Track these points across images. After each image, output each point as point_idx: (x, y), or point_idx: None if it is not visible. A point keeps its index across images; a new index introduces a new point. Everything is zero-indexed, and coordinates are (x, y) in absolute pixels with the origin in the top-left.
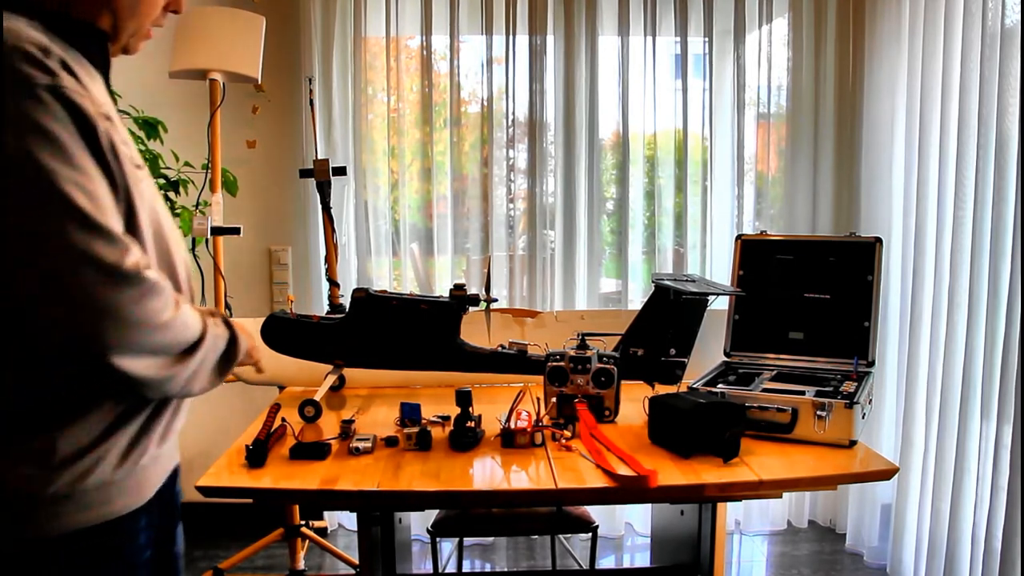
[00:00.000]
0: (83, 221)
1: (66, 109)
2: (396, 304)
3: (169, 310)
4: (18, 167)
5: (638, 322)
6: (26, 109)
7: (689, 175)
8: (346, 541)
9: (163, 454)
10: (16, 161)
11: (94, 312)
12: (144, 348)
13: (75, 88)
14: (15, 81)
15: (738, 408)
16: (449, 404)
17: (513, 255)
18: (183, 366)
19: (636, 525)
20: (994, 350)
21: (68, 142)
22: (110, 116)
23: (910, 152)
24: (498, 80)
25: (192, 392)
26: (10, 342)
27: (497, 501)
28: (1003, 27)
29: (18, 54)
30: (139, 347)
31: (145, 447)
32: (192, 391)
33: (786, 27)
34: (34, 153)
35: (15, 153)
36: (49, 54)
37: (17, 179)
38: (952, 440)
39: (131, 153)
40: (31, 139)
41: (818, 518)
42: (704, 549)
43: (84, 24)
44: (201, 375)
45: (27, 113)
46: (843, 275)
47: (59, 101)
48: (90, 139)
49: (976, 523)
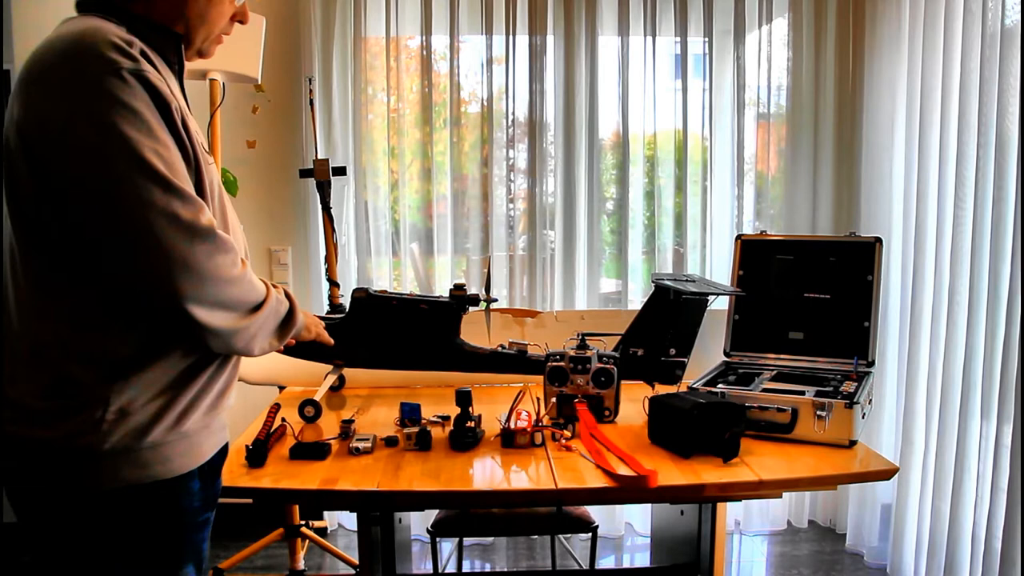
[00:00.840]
0: (162, 183)
1: (146, 89)
2: (396, 304)
3: (238, 267)
4: (105, 137)
5: (638, 322)
6: (112, 88)
7: (689, 175)
8: (346, 541)
9: (213, 426)
10: (104, 132)
11: (174, 263)
12: (216, 299)
13: (154, 73)
14: (103, 63)
15: (738, 408)
16: (449, 404)
17: (513, 255)
18: (249, 322)
19: (636, 525)
20: (994, 350)
21: (148, 116)
22: (182, 107)
23: (910, 152)
24: (498, 80)
25: (252, 351)
26: (93, 294)
27: (497, 501)
28: (1003, 27)
29: (106, 43)
30: (211, 297)
31: (196, 414)
32: (253, 350)
33: (786, 27)
34: (119, 125)
35: (102, 126)
36: (132, 45)
37: (105, 147)
38: (952, 440)
39: (201, 139)
40: (117, 114)
41: (818, 518)
42: (704, 549)
43: (162, 27)
44: (262, 335)
45: (113, 91)
46: (843, 275)
47: (140, 83)
48: (167, 116)
49: (976, 523)
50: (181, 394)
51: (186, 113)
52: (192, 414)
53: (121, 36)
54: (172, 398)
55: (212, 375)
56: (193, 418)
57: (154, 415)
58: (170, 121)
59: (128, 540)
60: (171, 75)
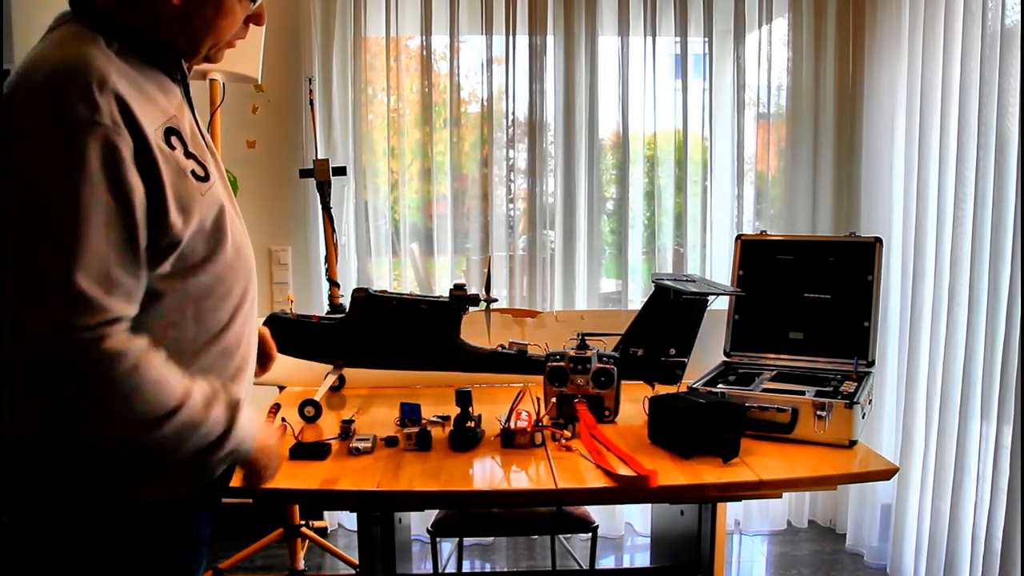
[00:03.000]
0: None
1: (96, 144)
2: (396, 304)
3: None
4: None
5: (638, 322)
6: (56, 134)
7: (689, 175)
8: (346, 541)
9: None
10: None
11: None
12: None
13: (112, 124)
14: (60, 107)
15: (738, 408)
16: (449, 404)
17: (513, 255)
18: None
19: (636, 525)
20: (994, 350)
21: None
22: (177, 127)
23: (910, 152)
24: (498, 80)
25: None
26: None
27: (497, 501)
28: (1003, 27)
29: (76, 82)
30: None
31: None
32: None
33: (786, 27)
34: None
35: (28, 169)
36: (104, 88)
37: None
38: (952, 440)
39: (188, 164)
40: (51, 159)
41: (818, 518)
42: (704, 549)
43: (160, 44)
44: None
45: (56, 138)
46: (843, 275)
47: (92, 136)
48: (113, 170)
49: (976, 523)
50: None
51: (184, 131)
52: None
53: (97, 75)
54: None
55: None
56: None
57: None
58: (144, 160)
59: (133, 559)
60: (170, 89)
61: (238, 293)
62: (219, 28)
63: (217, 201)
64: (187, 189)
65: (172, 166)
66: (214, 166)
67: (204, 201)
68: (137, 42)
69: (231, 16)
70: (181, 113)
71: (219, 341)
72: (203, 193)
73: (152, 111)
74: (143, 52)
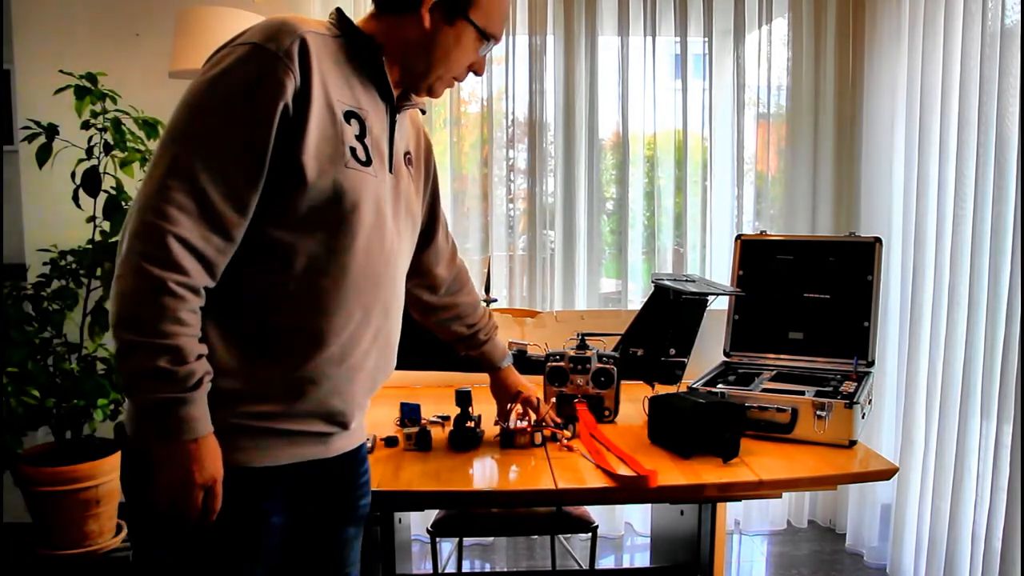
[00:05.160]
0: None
1: (259, 65)
2: None
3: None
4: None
5: (638, 322)
6: (234, 57)
7: (689, 175)
8: None
9: (299, 436)
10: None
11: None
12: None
13: (285, 57)
14: (253, 37)
15: (738, 408)
16: (449, 404)
17: (513, 255)
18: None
19: (636, 525)
20: (994, 350)
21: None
22: (364, 119)
23: (910, 152)
24: (498, 80)
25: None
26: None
27: (497, 501)
28: (1003, 27)
29: (274, 26)
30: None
31: (277, 416)
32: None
33: (786, 27)
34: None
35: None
36: (294, 35)
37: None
38: (952, 440)
39: (352, 141)
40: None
41: (818, 518)
42: (704, 549)
43: (378, 59)
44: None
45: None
46: (843, 275)
47: (262, 60)
48: (263, 88)
49: (976, 523)
50: (251, 386)
51: (370, 128)
52: (260, 410)
53: (298, 29)
54: (241, 386)
55: (292, 376)
56: (261, 415)
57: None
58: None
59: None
60: (378, 102)
61: (353, 288)
62: (453, 60)
63: (362, 185)
64: (336, 153)
65: (336, 129)
66: (387, 176)
67: (346, 174)
68: (352, 37)
69: (464, 51)
70: (375, 116)
71: (313, 320)
72: (348, 166)
73: (344, 89)
74: (354, 48)
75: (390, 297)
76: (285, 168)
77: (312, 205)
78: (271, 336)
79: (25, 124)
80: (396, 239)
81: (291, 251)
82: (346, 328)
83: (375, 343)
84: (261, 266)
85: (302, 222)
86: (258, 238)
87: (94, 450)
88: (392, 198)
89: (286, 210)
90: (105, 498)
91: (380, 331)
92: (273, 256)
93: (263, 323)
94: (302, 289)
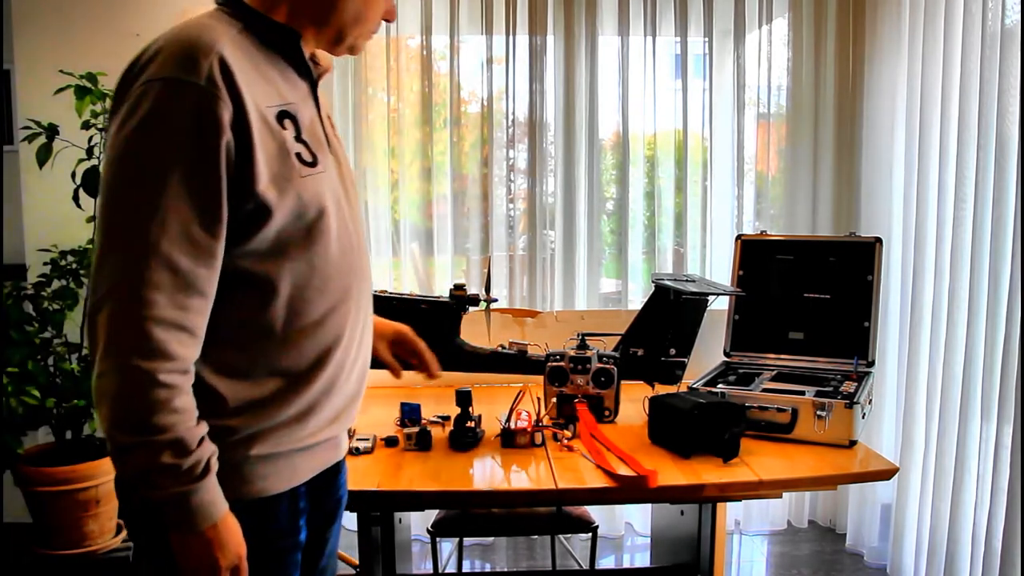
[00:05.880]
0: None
1: (188, 101)
2: (396, 304)
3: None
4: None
5: (638, 322)
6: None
7: (689, 175)
8: (346, 541)
9: (316, 447)
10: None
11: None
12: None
13: (208, 84)
14: (163, 69)
15: (738, 408)
16: (449, 404)
17: (513, 255)
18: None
19: (636, 525)
20: (994, 350)
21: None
22: (295, 114)
23: (910, 152)
24: (498, 80)
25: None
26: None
27: (497, 501)
28: (1003, 27)
29: (181, 47)
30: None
31: (284, 434)
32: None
33: (786, 27)
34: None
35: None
36: (208, 53)
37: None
38: (952, 440)
39: (295, 147)
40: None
41: (818, 518)
42: (704, 549)
43: (281, 27)
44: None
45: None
46: (843, 275)
47: (184, 93)
48: (201, 126)
49: (976, 523)
50: (266, 414)
51: (302, 120)
52: (277, 434)
53: (205, 43)
54: (251, 418)
55: (305, 395)
56: (279, 439)
57: (241, 434)
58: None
59: None
60: (298, 83)
61: (338, 290)
62: (366, 16)
63: (321, 188)
64: (286, 167)
65: (277, 142)
66: (333, 165)
67: (304, 184)
68: (261, 24)
69: (376, 4)
70: (303, 104)
71: (310, 335)
72: (303, 175)
73: (267, 90)
74: (267, 37)
75: (366, 278)
76: (245, 204)
77: (281, 229)
78: (278, 368)
79: (25, 124)
80: (355, 219)
81: (274, 280)
82: (343, 331)
83: (365, 331)
84: (250, 302)
85: (278, 249)
86: (238, 277)
87: (94, 450)
88: (340, 180)
89: (259, 243)
90: (105, 498)
91: (365, 318)
92: (258, 290)
93: (267, 357)
94: (295, 312)
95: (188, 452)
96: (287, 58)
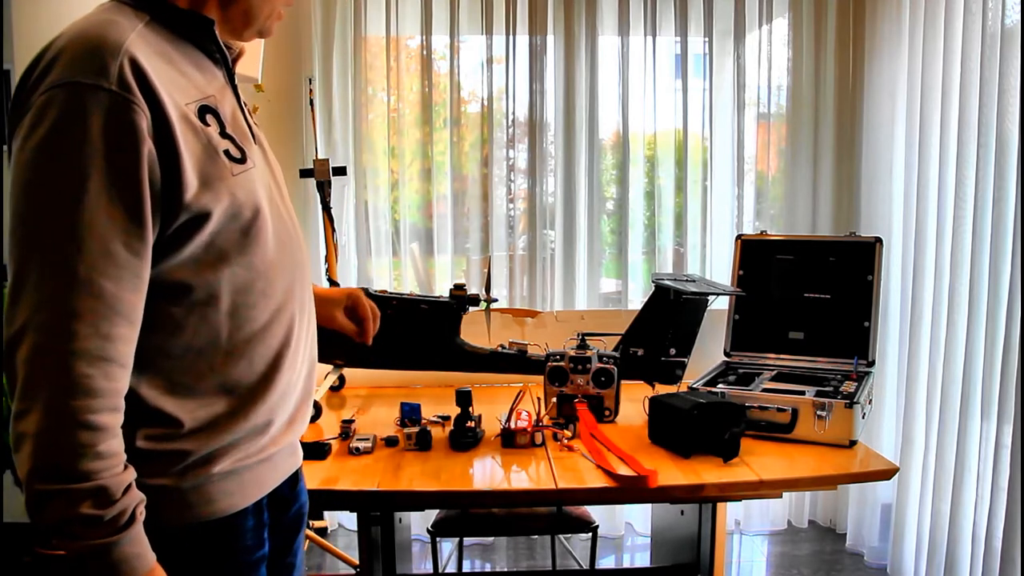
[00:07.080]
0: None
1: (100, 108)
2: (396, 304)
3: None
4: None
5: (638, 322)
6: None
7: (689, 175)
8: (346, 541)
9: (276, 455)
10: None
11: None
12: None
13: (120, 88)
14: (68, 73)
15: (738, 408)
16: (449, 404)
17: (513, 255)
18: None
19: (636, 525)
20: (994, 350)
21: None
22: (216, 107)
23: (910, 152)
24: (498, 80)
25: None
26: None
27: (497, 501)
28: (1003, 27)
29: (87, 48)
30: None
31: (240, 451)
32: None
33: (786, 27)
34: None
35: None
36: (116, 54)
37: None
38: (952, 440)
39: (222, 143)
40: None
41: (818, 518)
42: (704, 549)
43: (190, 14)
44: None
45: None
46: (843, 275)
47: (95, 100)
48: (117, 134)
49: (976, 523)
50: (222, 430)
51: (224, 113)
52: (237, 449)
53: (112, 41)
54: (209, 437)
55: (261, 405)
56: (239, 453)
57: (194, 455)
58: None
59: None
60: (214, 72)
61: (280, 290)
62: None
63: (254, 186)
64: (216, 167)
65: (202, 141)
66: (260, 156)
67: (236, 182)
68: (169, 14)
69: None
70: (222, 95)
71: (258, 342)
72: (235, 173)
73: (184, 85)
74: (177, 26)
75: (306, 268)
76: (176, 215)
77: (217, 233)
78: (229, 381)
79: None
80: (288, 208)
81: (214, 288)
82: (291, 332)
83: (310, 325)
84: (191, 315)
85: (214, 255)
86: (174, 290)
87: None
88: (269, 170)
89: (194, 250)
90: None
91: (309, 311)
92: (198, 302)
93: (215, 371)
94: (239, 320)
95: (112, 502)
96: (200, 47)
